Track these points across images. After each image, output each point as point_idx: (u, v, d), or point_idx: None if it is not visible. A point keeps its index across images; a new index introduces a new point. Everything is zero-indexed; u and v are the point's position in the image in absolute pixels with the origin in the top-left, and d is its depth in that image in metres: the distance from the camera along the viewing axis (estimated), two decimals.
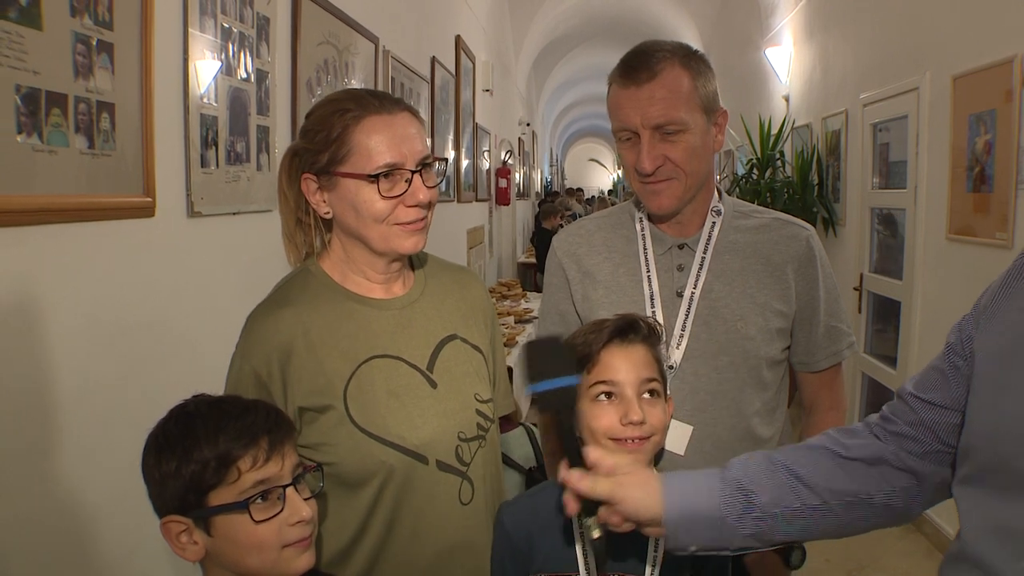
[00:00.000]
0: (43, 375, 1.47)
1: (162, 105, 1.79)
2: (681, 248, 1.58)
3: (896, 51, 4.42)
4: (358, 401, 1.30)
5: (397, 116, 1.32)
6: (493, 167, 8.68)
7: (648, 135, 1.46)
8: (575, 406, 1.21)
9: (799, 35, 6.42)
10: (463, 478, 1.36)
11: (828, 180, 5.73)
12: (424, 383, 1.36)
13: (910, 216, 4.25)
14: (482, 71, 7.32)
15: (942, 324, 3.83)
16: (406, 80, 4.28)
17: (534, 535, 1.33)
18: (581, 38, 13.57)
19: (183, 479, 1.04)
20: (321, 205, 1.34)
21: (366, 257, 1.37)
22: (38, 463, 1.46)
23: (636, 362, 1.32)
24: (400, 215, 1.31)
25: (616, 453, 1.20)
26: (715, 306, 1.54)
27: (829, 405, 1.66)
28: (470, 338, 1.46)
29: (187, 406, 1.10)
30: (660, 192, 1.51)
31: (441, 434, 1.34)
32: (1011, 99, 3.16)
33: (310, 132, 1.32)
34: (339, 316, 1.34)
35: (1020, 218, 3.15)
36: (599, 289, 1.62)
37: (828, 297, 1.60)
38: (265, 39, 2.37)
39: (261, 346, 1.30)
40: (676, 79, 1.47)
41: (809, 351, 1.61)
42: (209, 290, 2.02)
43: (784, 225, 1.61)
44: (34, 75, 1.39)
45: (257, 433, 1.06)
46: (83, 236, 1.56)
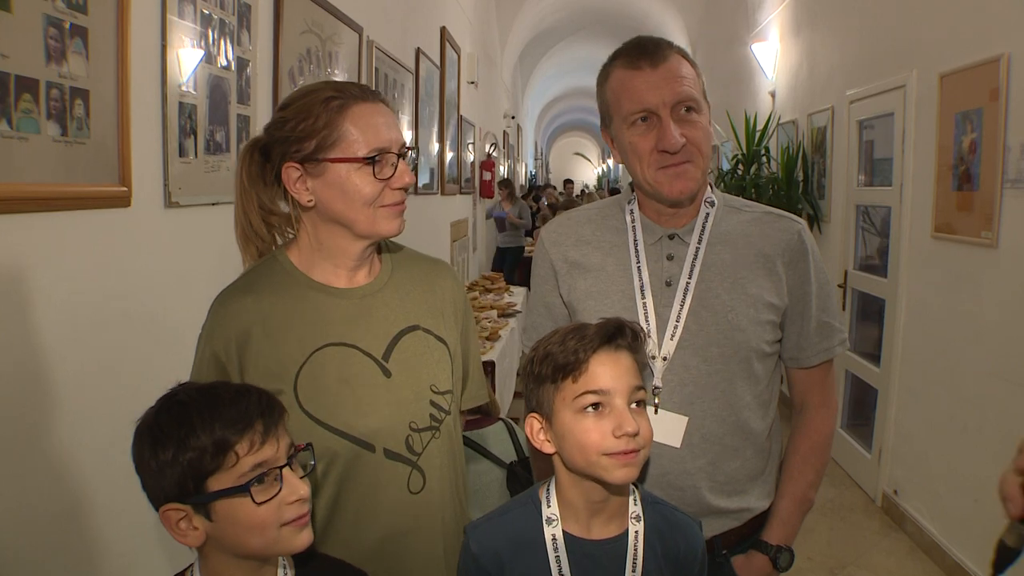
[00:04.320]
0: (21, 368, 1.43)
1: (139, 92, 1.74)
2: (671, 238, 1.56)
3: (883, 48, 4.42)
4: (308, 388, 1.33)
5: (378, 105, 1.38)
6: (478, 160, 8.64)
7: (668, 113, 1.46)
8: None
9: (786, 31, 6.41)
10: (412, 467, 1.39)
11: (813, 177, 5.73)
12: (378, 372, 1.39)
13: (895, 214, 4.25)
14: (467, 63, 7.26)
15: (926, 322, 3.84)
16: (390, 71, 4.23)
17: (504, 558, 1.27)
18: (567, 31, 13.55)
19: (181, 467, 1.04)
20: (303, 193, 1.36)
21: (342, 243, 1.39)
22: (22, 455, 1.43)
23: (625, 369, 1.24)
24: (386, 197, 1.36)
25: None
26: (705, 297, 1.52)
27: (820, 403, 1.64)
28: (434, 329, 1.47)
29: (177, 395, 1.10)
30: (682, 175, 1.49)
31: (391, 423, 1.37)
32: (997, 98, 3.15)
33: (290, 122, 1.34)
34: (298, 304, 1.38)
35: (1006, 217, 3.15)
36: (588, 279, 1.59)
37: (820, 292, 1.58)
38: (246, 26, 2.32)
39: (221, 329, 1.35)
40: (684, 65, 1.50)
41: (800, 347, 1.59)
42: (187, 281, 1.98)
43: (776, 219, 1.60)
44: (2, 59, 1.34)
45: (252, 417, 1.08)
46: (57, 226, 1.52)
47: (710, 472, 1.51)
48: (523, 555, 1.26)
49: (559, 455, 1.27)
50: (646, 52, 1.48)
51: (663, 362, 1.50)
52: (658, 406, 1.50)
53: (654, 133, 1.47)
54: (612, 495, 1.26)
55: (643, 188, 1.56)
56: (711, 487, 1.52)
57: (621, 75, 1.51)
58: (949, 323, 3.61)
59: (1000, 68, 3.11)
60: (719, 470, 1.52)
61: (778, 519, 1.59)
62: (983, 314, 3.33)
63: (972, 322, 3.42)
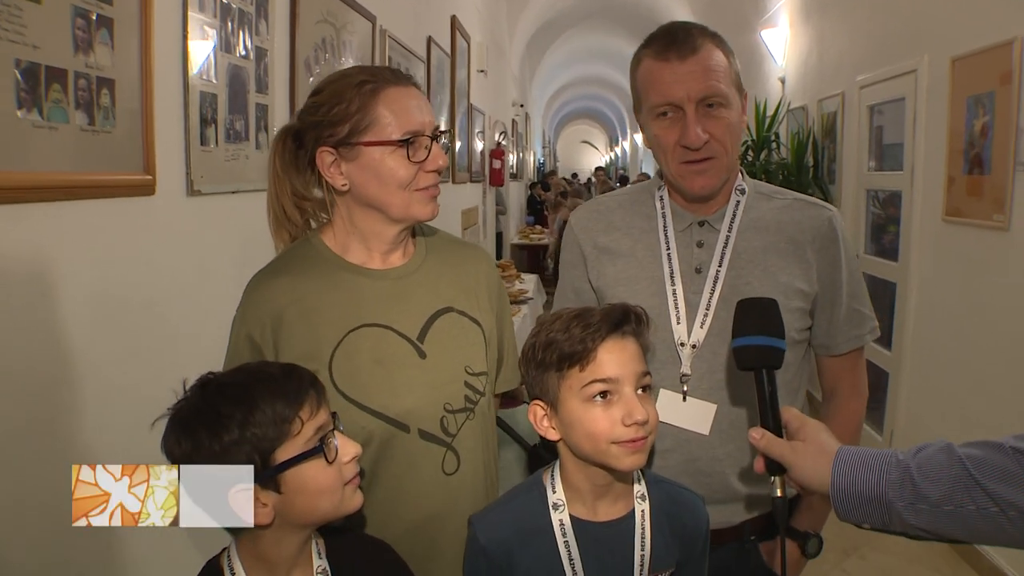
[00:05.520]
0: (46, 354, 1.46)
1: (162, 82, 1.77)
2: (701, 225, 1.57)
3: (894, 33, 4.41)
4: (344, 368, 1.34)
5: (410, 88, 1.39)
6: (487, 148, 8.65)
7: (693, 108, 1.45)
8: (778, 367, 1.22)
9: (795, 17, 6.40)
10: (447, 448, 1.39)
11: (823, 162, 5.73)
12: (413, 353, 1.39)
13: (906, 198, 4.26)
14: (477, 52, 7.26)
15: (937, 306, 3.85)
16: (402, 60, 4.25)
17: (513, 546, 1.26)
18: (575, 19, 13.51)
19: (249, 444, 1.07)
20: (337, 178, 1.37)
21: (377, 227, 1.40)
22: (41, 441, 1.45)
23: (631, 355, 1.23)
24: (420, 180, 1.36)
25: (803, 418, 1.21)
26: (736, 284, 1.52)
27: (850, 391, 1.64)
28: (469, 311, 1.47)
29: (222, 380, 1.13)
30: (704, 172, 1.49)
31: (426, 404, 1.38)
32: (1010, 81, 3.15)
33: (323, 107, 1.35)
34: (332, 285, 1.39)
35: (1018, 200, 3.16)
36: (617, 264, 1.60)
37: (851, 279, 1.58)
38: (264, 16, 2.34)
39: (256, 311, 1.36)
40: (716, 55, 1.48)
41: (830, 334, 1.59)
42: (209, 269, 2.01)
43: (807, 206, 1.60)
44: (34, 49, 1.37)
45: (306, 387, 1.13)
46: (84, 214, 1.54)
47: (738, 458, 1.51)
48: (532, 542, 1.26)
49: (564, 442, 1.27)
50: (675, 43, 1.47)
51: (692, 349, 1.51)
52: (687, 393, 1.51)
53: (678, 127, 1.47)
54: (616, 479, 1.28)
55: (668, 179, 1.57)
56: (739, 473, 1.52)
57: (650, 65, 1.50)
58: (960, 306, 3.63)
59: (1013, 52, 3.11)
60: (747, 456, 1.51)
61: (807, 505, 1.59)
62: (994, 297, 3.34)
63: (983, 305, 3.43)
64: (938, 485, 1.06)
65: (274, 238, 1.46)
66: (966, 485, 1.05)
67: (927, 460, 1.09)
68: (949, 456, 1.09)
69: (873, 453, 1.13)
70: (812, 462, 1.13)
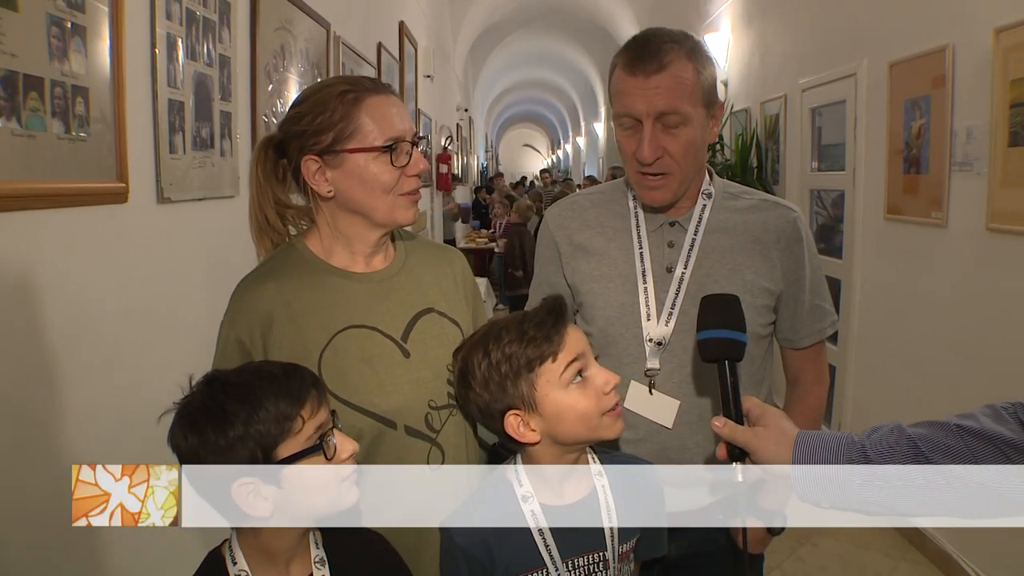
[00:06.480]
0: (26, 363, 1.45)
1: (132, 89, 1.77)
2: (672, 225, 1.62)
3: (834, 38, 4.56)
4: (332, 368, 1.37)
5: (390, 96, 1.42)
6: (434, 153, 8.66)
7: (651, 124, 1.49)
8: (739, 359, 1.27)
9: (737, 21, 6.56)
10: (432, 444, 1.44)
11: (767, 163, 5.88)
12: (397, 352, 1.43)
13: (848, 197, 4.40)
14: (423, 57, 7.29)
15: (881, 301, 4.00)
16: (354, 66, 4.25)
17: (492, 543, 1.29)
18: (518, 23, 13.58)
19: (253, 440, 1.09)
20: (323, 184, 1.40)
21: (360, 231, 1.44)
22: (25, 453, 1.44)
23: (581, 333, 1.33)
24: (403, 185, 1.41)
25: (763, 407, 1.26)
26: (703, 283, 1.57)
27: (814, 379, 1.73)
28: (448, 312, 1.52)
29: (228, 378, 1.15)
30: (657, 187, 1.54)
31: (411, 401, 1.42)
32: (943, 84, 3.30)
33: (307, 116, 1.38)
34: (319, 289, 1.42)
35: (954, 198, 3.31)
36: (591, 262, 1.65)
37: (813, 277, 1.66)
38: (227, 24, 2.34)
39: (245, 315, 1.39)
40: (683, 71, 1.48)
41: (794, 328, 1.67)
42: (181, 275, 2.01)
43: (772, 206, 1.66)
44: (12, 58, 1.37)
45: (308, 386, 1.16)
46: (62, 222, 1.54)
47: (706, 447, 1.58)
48: (508, 536, 1.30)
49: (548, 437, 1.30)
50: (643, 57, 1.49)
51: (658, 347, 1.57)
52: (653, 387, 1.57)
53: (636, 139, 1.52)
54: (576, 461, 1.34)
55: None
56: (707, 461, 1.58)
57: (619, 74, 1.54)
58: (903, 300, 3.77)
59: (946, 57, 3.26)
60: (714, 446, 1.57)
61: (771, 487, 1.67)
62: (935, 291, 3.49)
63: (925, 299, 3.58)
64: (890, 462, 1.16)
65: (256, 245, 1.48)
66: (916, 461, 1.15)
67: (880, 440, 1.18)
68: (899, 435, 1.18)
69: (830, 436, 1.22)
70: (773, 446, 1.21)
